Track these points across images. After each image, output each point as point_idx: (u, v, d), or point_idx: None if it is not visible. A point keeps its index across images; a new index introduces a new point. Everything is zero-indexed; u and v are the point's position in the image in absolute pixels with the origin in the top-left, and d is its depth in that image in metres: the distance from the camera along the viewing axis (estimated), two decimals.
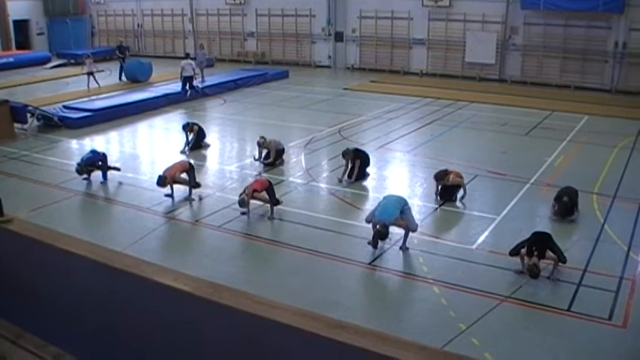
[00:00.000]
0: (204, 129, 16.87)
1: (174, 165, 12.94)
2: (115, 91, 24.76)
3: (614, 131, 18.34)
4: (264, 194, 11.53)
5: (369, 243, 10.19)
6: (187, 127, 16.46)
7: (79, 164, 13.62)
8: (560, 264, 9.15)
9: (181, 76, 23.44)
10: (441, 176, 12.32)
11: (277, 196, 12.04)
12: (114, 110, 20.43)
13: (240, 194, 11.50)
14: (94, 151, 14.09)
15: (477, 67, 28.29)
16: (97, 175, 13.75)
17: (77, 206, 12.74)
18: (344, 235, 10.90)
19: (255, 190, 11.41)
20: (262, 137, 14.86)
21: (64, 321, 5.26)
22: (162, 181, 12.28)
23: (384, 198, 10.64)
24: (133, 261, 4.89)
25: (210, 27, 35.74)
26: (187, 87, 23.38)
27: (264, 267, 10.07)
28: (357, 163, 13.57)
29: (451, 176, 12.26)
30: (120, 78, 27.94)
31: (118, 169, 14.03)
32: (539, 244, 9.15)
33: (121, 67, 28.03)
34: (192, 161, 13.49)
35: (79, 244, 5.21)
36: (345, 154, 13.67)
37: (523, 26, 26.96)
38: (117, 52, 28.64)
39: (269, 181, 11.92)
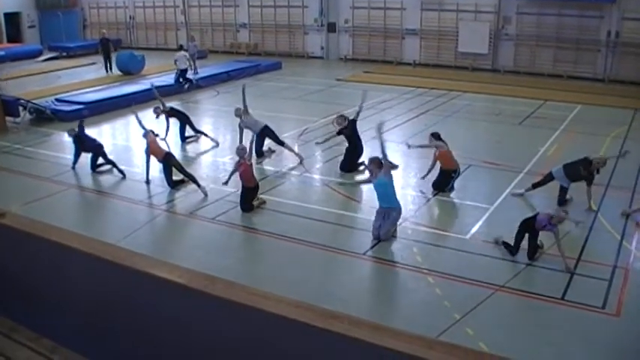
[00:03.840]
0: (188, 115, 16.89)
1: (159, 146, 13.29)
2: (107, 84, 24.63)
3: (606, 120, 18.39)
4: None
5: (375, 238, 10.17)
6: (158, 110, 16.22)
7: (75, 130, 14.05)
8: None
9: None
10: (437, 136, 12.50)
11: (271, 187, 12.37)
12: (106, 103, 20.36)
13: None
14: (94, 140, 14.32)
15: (469, 57, 28.28)
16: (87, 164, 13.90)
17: (70, 199, 12.70)
18: (338, 226, 10.90)
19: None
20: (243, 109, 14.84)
21: (58, 314, 5.25)
22: (147, 134, 12.93)
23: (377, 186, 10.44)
24: (127, 254, 4.88)
25: (202, 18, 35.60)
26: (181, 79, 23.25)
27: (258, 259, 10.07)
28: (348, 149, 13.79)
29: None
30: (107, 71, 27.79)
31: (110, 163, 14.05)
32: (528, 227, 9.42)
33: (108, 60, 27.88)
34: (172, 154, 13.38)
35: (72, 237, 5.19)
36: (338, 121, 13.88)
37: (516, 16, 26.95)
38: (110, 43, 28.35)
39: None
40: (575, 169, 11.35)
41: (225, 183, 11.88)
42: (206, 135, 16.41)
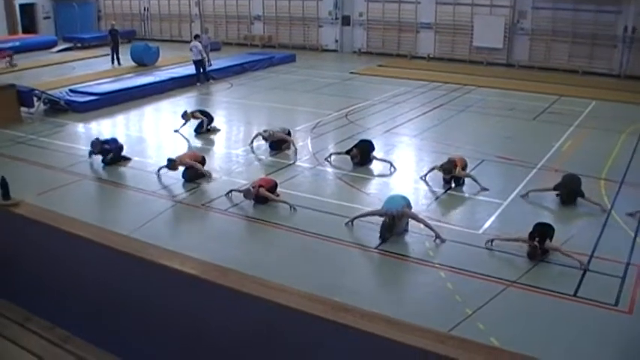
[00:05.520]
0: (211, 113, 16.92)
1: (186, 153, 13.43)
2: (122, 75, 24.72)
3: (622, 116, 18.23)
4: (266, 192, 11.40)
5: (380, 238, 10.13)
6: (186, 116, 16.40)
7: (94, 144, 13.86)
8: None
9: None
10: (449, 169, 12.16)
11: (284, 179, 12.26)
12: (120, 94, 20.40)
13: (248, 187, 11.48)
14: (115, 140, 14.23)
15: (484, 51, 28.13)
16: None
17: (84, 190, 12.76)
18: None
19: (260, 186, 11.37)
20: (266, 131, 14.76)
21: (71, 304, 5.28)
22: (171, 164, 12.53)
23: (389, 197, 10.58)
24: (140, 244, 4.90)
25: (216, 10, 35.59)
26: (202, 70, 23.19)
27: (270, 250, 10.08)
28: (357, 154, 13.66)
29: (458, 168, 12.21)
30: (113, 63, 27.81)
31: (128, 159, 14.10)
32: (540, 232, 9.28)
33: (116, 52, 27.88)
34: (204, 155, 13.46)
35: (85, 227, 5.22)
36: (351, 153, 13.66)
37: (531, 10, 26.77)
38: (117, 35, 28.34)
39: (275, 182, 11.86)
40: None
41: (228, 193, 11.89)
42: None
